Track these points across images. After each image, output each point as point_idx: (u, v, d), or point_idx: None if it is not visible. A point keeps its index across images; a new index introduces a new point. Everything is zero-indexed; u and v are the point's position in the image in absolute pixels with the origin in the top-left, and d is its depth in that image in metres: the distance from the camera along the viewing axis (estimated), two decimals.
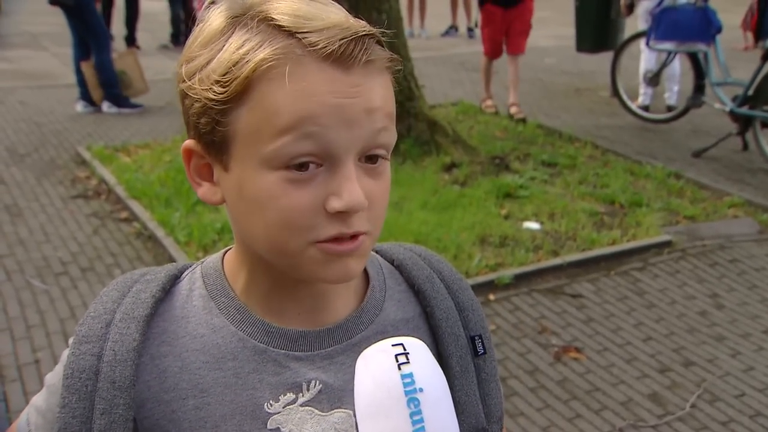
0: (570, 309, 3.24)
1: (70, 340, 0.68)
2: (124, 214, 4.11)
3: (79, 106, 6.19)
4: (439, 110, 5.78)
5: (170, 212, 3.90)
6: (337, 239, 0.61)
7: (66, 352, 0.67)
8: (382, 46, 0.63)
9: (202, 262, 0.73)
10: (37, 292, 3.30)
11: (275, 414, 0.66)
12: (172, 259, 3.51)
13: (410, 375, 0.53)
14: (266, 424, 0.66)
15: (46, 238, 3.83)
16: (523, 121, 5.72)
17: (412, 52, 5.16)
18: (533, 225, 3.92)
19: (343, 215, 0.60)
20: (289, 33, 0.59)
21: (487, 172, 4.61)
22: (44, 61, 8.33)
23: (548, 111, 6.35)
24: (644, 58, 6.07)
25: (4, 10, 10.13)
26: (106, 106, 6.16)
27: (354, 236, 0.62)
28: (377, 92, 0.61)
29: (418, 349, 0.55)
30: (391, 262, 0.77)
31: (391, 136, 0.63)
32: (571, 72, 7.67)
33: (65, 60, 7.51)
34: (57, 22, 9.19)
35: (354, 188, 0.59)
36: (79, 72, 6.08)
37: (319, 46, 0.58)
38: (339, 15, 0.61)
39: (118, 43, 8.10)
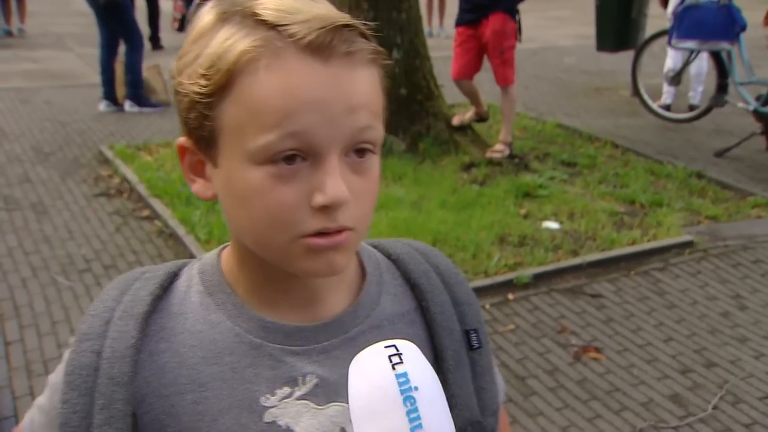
0: (590, 309, 3.22)
1: (71, 339, 0.69)
2: (145, 212, 4.16)
3: (102, 106, 6.27)
4: (458, 109, 5.77)
5: (191, 210, 3.94)
6: (321, 233, 0.62)
7: (68, 351, 0.68)
8: (368, 40, 0.63)
9: (200, 258, 0.74)
10: (61, 288, 3.35)
11: (271, 407, 0.67)
12: (192, 257, 3.55)
13: (405, 374, 0.54)
14: (262, 418, 0.67)
15: (70, 236, 3.89)
16: (499, 164, 4.64)
17: (431, 51, 5.16)
18: (552, 224, 3.91)
19: (327, 210, 0.61)
20: (271, 26, 0.60)
21: (507, 171, 4.60)
22: (69, 62, 8.45)
23: (568, 110, 6.32)
24: (670, 56, 6.00)
25: (29, 12, 10.29)
26: (128, 106, 6.25)
27: (338, 231, 0.62)
28: (360, 87, 0.61)
29: (411, 350, 0.56)
30: (389, 256, 0.77)
31: (376, 133, 0.63)
32: (592, 71, 7.62)
33: (89, 60, 7.61)
34: (82, 22, 9.32)
35: (337, 183, 0.60)
36: (104, 72, 6.17)
37: (297, 36, 0.59)
38: (322, 9, 0.62)
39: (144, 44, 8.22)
